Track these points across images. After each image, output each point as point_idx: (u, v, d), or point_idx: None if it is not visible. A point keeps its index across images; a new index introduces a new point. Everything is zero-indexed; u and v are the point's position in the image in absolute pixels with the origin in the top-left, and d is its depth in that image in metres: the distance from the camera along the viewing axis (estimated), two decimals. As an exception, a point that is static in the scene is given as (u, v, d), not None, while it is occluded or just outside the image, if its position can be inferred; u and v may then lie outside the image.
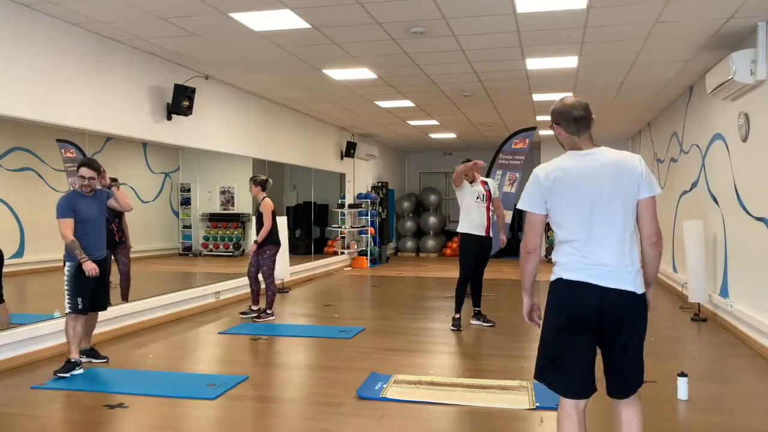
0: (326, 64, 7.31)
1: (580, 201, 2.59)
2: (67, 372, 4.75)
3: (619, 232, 2.57)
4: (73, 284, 4.89)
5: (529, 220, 2.72)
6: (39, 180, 6.38)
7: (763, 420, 3.89)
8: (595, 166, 2.63)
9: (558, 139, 2.79)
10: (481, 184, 6.58)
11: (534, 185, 2.68)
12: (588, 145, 2.71)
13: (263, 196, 7.20)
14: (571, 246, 2.61)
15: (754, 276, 5.94)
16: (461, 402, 4.13)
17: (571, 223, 2.62)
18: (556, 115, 2.73)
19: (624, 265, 2.56)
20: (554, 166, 2.68)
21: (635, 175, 2.60)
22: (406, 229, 16.90)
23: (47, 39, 5.44)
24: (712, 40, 6.19)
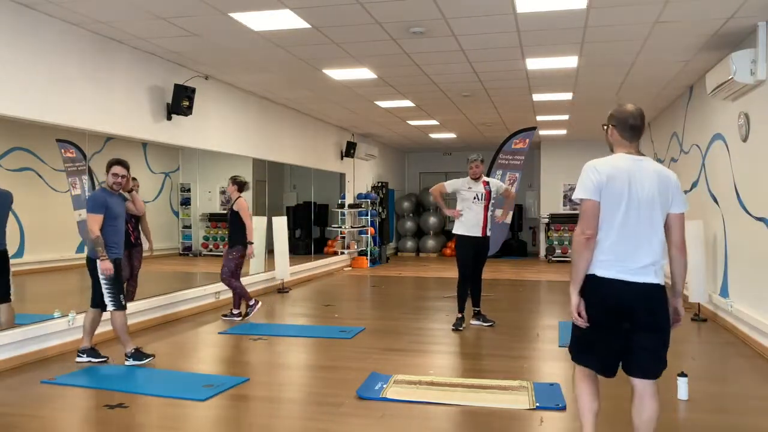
0: (326, 64, 7.31)
1: (630, 201, 2.79)
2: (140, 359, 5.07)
3: (658, 235, 2.82)
4: (112, 282, 5.03)
5: (585, 207, 2.83)
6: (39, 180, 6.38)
7: (763, 420, 3.89)
8: (644, 173, 2.83)
9: (608, 140, 2.99)
10: (482, 184, 6.53)
11: (591, 176, 2.83)
12: (636, 152, 2.92)
13: (237, 196, 7.20)
14: (609, 242, 2.81)
15: (754, 276, 5.94)
16: (461, 402, 4.13)
17: (614, 221, 2.80)
18: (614, 119, 2.93)
19: (658, 265, 2.82)
20: (609, 164, 2.85)
21: (672, 188, 2.85)
22: (406, 229, 16.90)
23: (47, 39, 5.43)
24: (712, 40, 6.19)
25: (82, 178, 6.48)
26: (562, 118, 11.49)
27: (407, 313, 7.65)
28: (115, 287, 5.06)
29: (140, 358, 5.12)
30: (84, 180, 6.49)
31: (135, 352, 5.13)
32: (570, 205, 15.34)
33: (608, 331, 2.84)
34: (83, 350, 5.18)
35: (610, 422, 3.79)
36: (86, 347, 5.21)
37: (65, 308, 5.60)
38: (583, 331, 2.89)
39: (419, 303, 8.62)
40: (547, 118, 11.38)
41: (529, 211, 17.23)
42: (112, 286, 5.03)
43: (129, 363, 5.09)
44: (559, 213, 15.32)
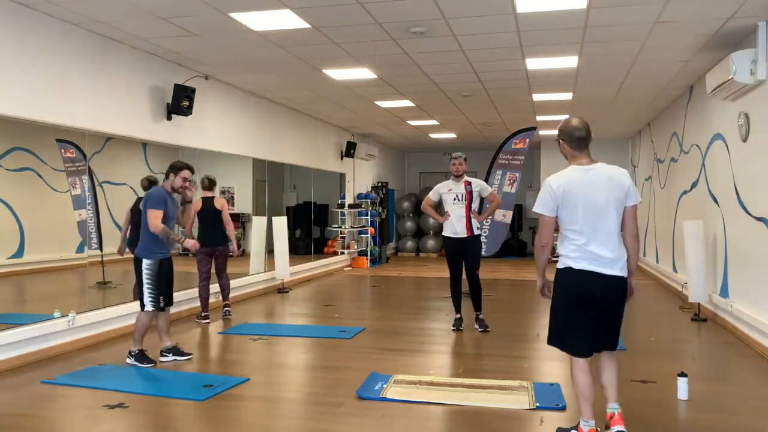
0: (326, 64, 7.31)
1: (585, 207, 3.31)
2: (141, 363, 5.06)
3: (614, 231, 3.33)
4: (156, 281, 5.09)
5: (542, 221, 3.42)
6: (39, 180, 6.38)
7: (763, 420, 3.89)
8: (594, 180, 3.36)
9: (562, 152, 3.51)
10: (464, 184, 6.39)
11: (547, 194, 3.38)
12: (588, 160, 3.43)
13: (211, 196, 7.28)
14: (577, 242, 3.33)
15: (754, 276, 5.94)
16: (461, 402, 4.13)
17: (577, 225, 3.32)
18: (563, 134, 3.47)
19: (618, 257, 3.32)
20: (563, 179, 3.37)
21: (625, 187, 3.37)
22: (406, 229, 16.90)
23: (47, 39, 5.43)
24: (712, 40, 6.19)
25: (82, 178, 6.48)
26: (562, 118, 11.46)
27: (407, 313, 7.65)
28: (157, 287, 5.10)
29: (141, 360, 5.11)
30: (84, 180, 6.49)
31: (138, 353, 5.14)
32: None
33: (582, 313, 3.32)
34: (167, 350, 5.27)
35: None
36: (168, 346, 5.28)
37: (65, 308, 5.60)
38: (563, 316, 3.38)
39: (419, 303, 8.62)
40: (547, 118, 11.38)
41: (529, 211, 17.22)
42: (154, 286, 5.08)
43: (129, 361, 5.12)
44: (559, 213, 15.30)
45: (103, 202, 6.96)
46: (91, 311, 5.92)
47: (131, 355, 5.14)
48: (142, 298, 5.10)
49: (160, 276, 5.11)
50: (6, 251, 6.08)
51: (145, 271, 5.07)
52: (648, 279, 11.29)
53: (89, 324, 5.82)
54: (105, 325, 6.04)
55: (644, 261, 12.62)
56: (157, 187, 5.25)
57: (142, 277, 5.07)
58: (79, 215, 6.58)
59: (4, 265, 6.09)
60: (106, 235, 6.95)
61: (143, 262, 5.07)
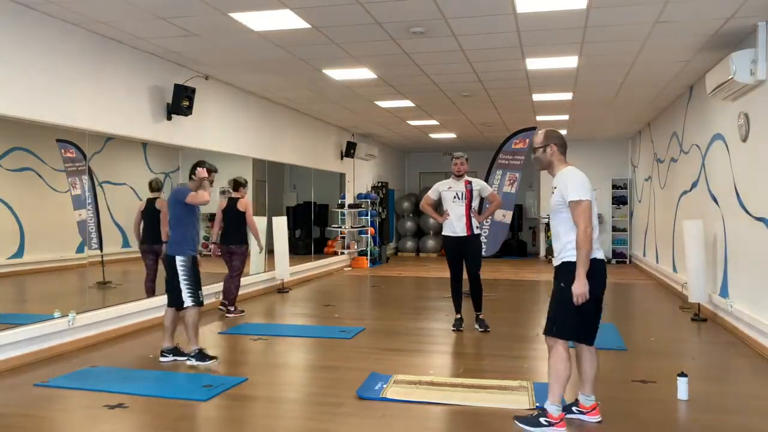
0: (326, 64, 7.31)
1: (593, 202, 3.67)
2: (203, 360, 5.05)
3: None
4: (192, 277, 5.14)
5: (585, 207, 3.55)
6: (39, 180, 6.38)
7: (763, 420, 3.89)
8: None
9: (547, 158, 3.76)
10: (464, 183, 6.40)
11: (586, 181, 3.63)
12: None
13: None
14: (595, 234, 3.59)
15: (754, 276, 5.94)
16: (461, 402, 4.13)
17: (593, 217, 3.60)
18: (555, 139, 3.74)
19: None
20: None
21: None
22: (406, 229, 16.90)
23: (47, 39, 5.43)
24: (712, 40, 6.19)
25: (82, 178, 6.48)
26: (562, 118, 11.49)
27: (407, 313, 7.65)
28: (194, 282, 5.15)
29: (203, 359, 5.11)
30: (84, 180, 6.49)
31: (198, 353, 5.13)
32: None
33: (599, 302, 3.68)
34: (167, 350, 5.26)
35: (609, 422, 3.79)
36: (169, 347, 5.27)
37: (65, 308, 5.60)
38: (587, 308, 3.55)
39: (419, 303, 8.62)
40: (547, 118, 11.38)
41: (529, 211, 17.24)
42: (191, 282, 5.12)
43: (190, 363, 5.10)
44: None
45: (103, 202, 6.96)
46: (91, 311, 5.91)
47: (191, 357, 5.13)
48: (180, 297, 5.11)
49: (195, 271, 5.18)
50: (6, 251, 6.08)
51: (180, 267, 5.12)
52: (648, 279, 11.29)
53: (89, 324, 5.82)
54: (105, 325, 6.04)
55: (644, 261, 12.62)
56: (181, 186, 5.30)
57: (177, 274, 5.10)
58: (79, 215, 6.58)
59: (4, 265, 6.09)
60: (106, 235, 6.95)
61: (177, 260, 5.11)
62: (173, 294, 5.18)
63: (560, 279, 3.63)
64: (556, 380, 3.57)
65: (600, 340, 6.02)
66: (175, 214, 5.20)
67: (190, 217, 5.22)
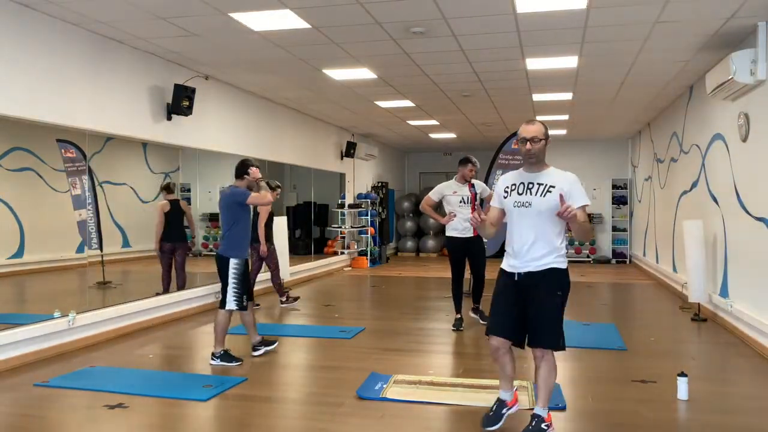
0: (326, 64, 7.31)
1: None
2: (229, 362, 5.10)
3: None
4: (241, 281, 5.16)
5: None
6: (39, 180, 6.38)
7: (763, 420, 3.89)
8: None
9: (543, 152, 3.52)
10: (467, 186, 6.51)
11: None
12: None
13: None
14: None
15: (754, 276, 5.94)
16: (461, 402, 4.13)
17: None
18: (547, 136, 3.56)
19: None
20: None
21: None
22: (406, 229, 16.90)
23: (47, 39, 5.43)
24: (712, 40, 6.18)
25: (82, 178, 6.48)
26: (562, 118, 11.49)
27: (407, 313, 7.65)
28: (242, 287, 5.17)
29: (229, 360, 5.12)
30: (84, 180, 6.49)
31: (224, 354, 5.15)
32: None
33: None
34: (258, 343, 5.39)
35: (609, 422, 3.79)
36: (258, 340, 5.44)
37: (65, 308, 5.60)
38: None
39: (419, 303, 8.62)
40: (547, 118, 11.37)
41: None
42: (239, 286, 5.14)
43: (215, 363, 5.11)
44: (559, 213, 15.29)
45: (103, 202, 6.96)
46: (91, 311, 5.91)
47: (216, 357, 5.13)
48: (225, 297, 5.14)
49: (246, 275, 5.21)
50: (6, 251, 6.08)
51: (233, 270, 5.13)
52: (648, 279, 11.29)
53: (89, 324, 5.82)
54: (105, 325, 6.04)
55: (644, 261, 12.62)
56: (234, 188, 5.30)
57: (228, 276, 5.12)
58: (79, 215, 6.58)
59: (4, 265, 6.09)
60: (106, 235, 6.96)
61: (231, 262, 5.13)
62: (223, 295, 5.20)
63: (554, 286, 3.41)
64: (550, 387, 3.49)
65: (600, 340, 6.06)
66: (232, 216, 5.18)
67: (246, 219, 5.27)
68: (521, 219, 3.44)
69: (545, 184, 3.41)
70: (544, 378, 3.46)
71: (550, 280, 3.39)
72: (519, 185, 3.49)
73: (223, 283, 5.17)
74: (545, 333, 3.40)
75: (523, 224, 3.43)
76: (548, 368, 3.45)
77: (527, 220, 3.41)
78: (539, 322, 3.41)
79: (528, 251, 3.40)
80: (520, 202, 3.45)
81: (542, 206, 3.38)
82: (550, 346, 3.42)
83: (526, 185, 3.47)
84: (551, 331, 3.40)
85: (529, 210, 3.40)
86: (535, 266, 3.39)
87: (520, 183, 3.50)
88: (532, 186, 3.44)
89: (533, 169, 3.49)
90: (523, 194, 3.45)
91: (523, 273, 3.43)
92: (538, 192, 3.41)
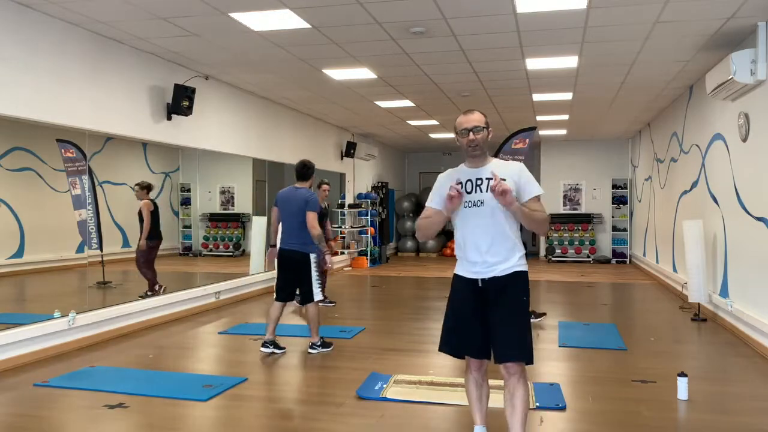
0: (326, 64, 7.31)
1: None
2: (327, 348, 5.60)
3: None
4: (321, 274, 5.59)
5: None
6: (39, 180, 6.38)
7: (763, 420, 3.89)
8: None
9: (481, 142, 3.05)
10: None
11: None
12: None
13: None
14: None
15: (754, 276, 5.94)
16: (461, 402, 4.12)
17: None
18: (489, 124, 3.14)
19: None
20: None
21: None
22: (406, 229, 16.90)
23: (47, 39, 5.44)
24: (712, 40, 6.19)
25: (82, 178, 6.47)
26: (562, 118, 11.49)
27: (407, 313, 7.65)
28: (323, 278, 5.81)
29: (327, 346, 5.61)
30: (84, 180, 6.49)
31: (323, 342, 5.59)
32: (570, 205, 15.35)
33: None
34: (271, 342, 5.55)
35: (609, 422, 3.79)
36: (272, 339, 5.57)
37: (65, 308, 5.60)
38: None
39: (419, 303, 8.62)
40: (547, 118, 11.38)
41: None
42: (321, 277, 5.58)
43: (314, 352, 5.53)
44: (558, 213, 15.32)
45: (103, 202, 6.97)
46: (91, 311, 5.91)
47: (316, 347, 5.55)
48: (311, 291, 5.47)
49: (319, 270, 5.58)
50: (6, 251, 6.08)
51: (314, 264, 5.48)
52: (648, 279, 11.29)
53: (89, 324, 5.82)
54: (105, 325, 6.04)
55: (644, 261, 12.62)
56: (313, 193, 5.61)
57: (310, 271, 5.46)
58: (79, 215, 6.58)
59: (4, 265, 6.09)
60: (106, 235, 6.96)
61: (311, 257, 5.47)
62: (304, 291, 5.52)
63: (519, 292, 3.03)
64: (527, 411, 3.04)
65: (600, 340, 6.07)
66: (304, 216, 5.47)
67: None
68: (475, 220, 3.00)
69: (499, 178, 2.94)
70: (523, 400, 2.99)
71: (516, 284, 3.02)
72: (466, 183, 3.04)
73: (304, 278, 5.47)
74: (518, 345, 2.97)
75: (479, 225, 2.99)
76: (524, 388, 3.00)
77: (481, 220, 2.99)
78: (510, 332, 2.97)
79: (487, 255, 2.99)
80: (471, 202, 3.00)
81: (496, 203, 2.94)
82: (524, 359, 2.97)
83: (474, 182, 3.03)
84: (523, 342, 2.98)
85: (482, 209, 2.98)
86: (499, 270, 3.00)
87: (467, 180, 3.04)
88: (481, 182, 3.01)
89: (477, 163, 3.07)
90: (472, 192, 3.02)
91: (487, 279, 3.00)
92: (488, 188, 2.97)
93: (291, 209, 5.55)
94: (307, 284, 5.49)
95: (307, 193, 5.55)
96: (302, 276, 5.49)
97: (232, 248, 9.83)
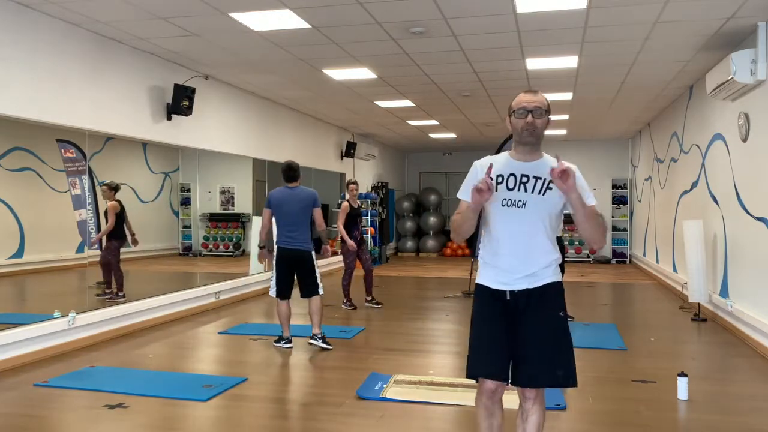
0: (326, 64, 7.31)
1: None
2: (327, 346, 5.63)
3: None
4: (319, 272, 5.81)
5: None
6: (39, 180, 6.38)
7: (763, 420, 3.89)
8: None
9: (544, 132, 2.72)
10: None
11: None
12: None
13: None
14: None
15: (754, 276, 5.94)
16: (461, 402, 4.13)
17: None
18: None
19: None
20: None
21: None
22: (406, 229, 16.90)
23: (47, 39, 5.44)
24: (712, 40, 6.18)
25: (82, 178, 6.48)
26: (562, 118, 11.49)
27: (407, 313, 7.65)
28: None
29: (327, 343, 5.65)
30: (84, 180, 6.49)
31: (323, 337, 5.65)
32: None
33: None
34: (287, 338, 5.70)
35: (609, 422, 3.79)
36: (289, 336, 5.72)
37: (65, 308, 5.60)
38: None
39: (419, 303, 8.62)
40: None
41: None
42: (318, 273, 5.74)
43: (316, 343, 5.63)
44: (559, 213, 15.30)
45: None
46: (91, 311, 5.91)
47: (317, 338, 5.64)
48: (316, 285, 5.64)
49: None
50: (6, 251, 6.08)
51: (315, 261, 5.67)
52: (648, 279, 11.29)
53: (89, 324, 5.82)
54: (105, 325, 6.04)
55: (644, 261, 12.62)
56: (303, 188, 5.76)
57: (314, 267, 5.65)
58: (79, 215, 6.58)
59: (4, 265, 6.09)
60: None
61: (313, 255, 5.68)
62: (310, 285, 5.65)
63: (555, 307, 2.61)
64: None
65: (600, 340, 6.07)
66: (307, 215, 5.68)
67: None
68: (511, 222, 2.55)
69: (544, 179, 2.54)
70: (536, 425, 2.63)
71: (551, 298, 2.60)
72: (509, 177, 2.58)
73: (308, 274, 5.63)
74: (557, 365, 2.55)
75: (515, 229, 2.55)
76: (540, 412, 2.64)
77: (520, 225, 2.54)
78: (546, 352, 2.55)
79: (521, 264, 2.55)
80: (510, 200, 2.55)
81: (541, 207, 2.54)
82: (566, 383, 2.55)
83: (519, 178, 2.57)
84: (567, 362, 2.56)
85: (524, 212, 2.53)
86: (531, 282, 2.56)
87: (509, 174, 2.58)
88: (527, 180, 2.56)
89: (527, 156, 2.62)
90: (514, 189, 2.56)
91: (517, 291, 2.56)
92: (535, 188, 2.54)
93: (291, 209, 5.60)
94: (311, 278, 5.63)
95: (311, 192, 5.71)
96: (307, 271, 5.63)
97: (232, 248, 9.83)
